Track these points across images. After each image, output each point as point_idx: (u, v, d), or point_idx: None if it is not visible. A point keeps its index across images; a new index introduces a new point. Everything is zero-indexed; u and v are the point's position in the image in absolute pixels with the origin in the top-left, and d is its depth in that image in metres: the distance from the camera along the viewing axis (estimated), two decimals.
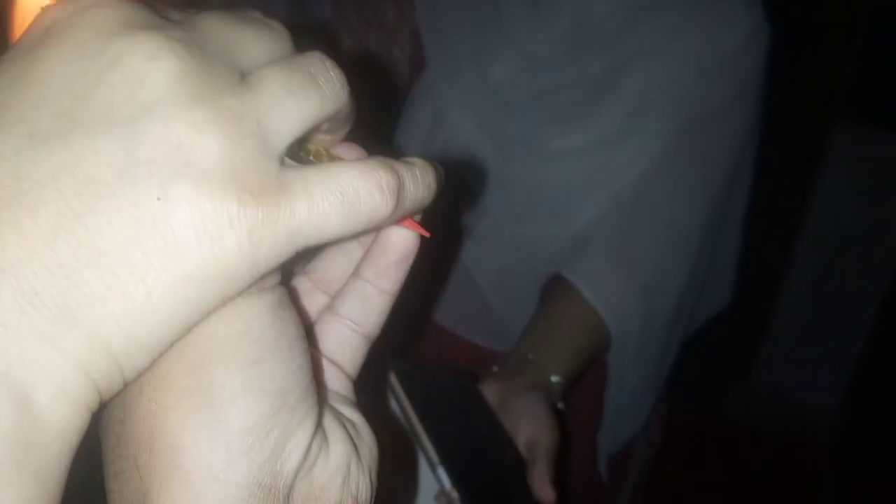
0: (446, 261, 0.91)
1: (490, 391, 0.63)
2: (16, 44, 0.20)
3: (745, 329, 2.15)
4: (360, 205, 0.21)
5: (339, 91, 0.22)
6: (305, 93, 0.21)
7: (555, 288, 0.78)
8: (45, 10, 0.20)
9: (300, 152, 0.23)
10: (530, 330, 0.73)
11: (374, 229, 0.24)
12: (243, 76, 0.20)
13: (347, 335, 0.27)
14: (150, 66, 0.19)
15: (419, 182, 0.23)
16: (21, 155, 0.18)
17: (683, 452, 1.50)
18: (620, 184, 0.81)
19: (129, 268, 0.18)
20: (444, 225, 0.91)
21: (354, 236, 0.23)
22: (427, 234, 0.26)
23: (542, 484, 0.59)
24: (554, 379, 0.68)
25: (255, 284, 0.20)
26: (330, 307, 0.28)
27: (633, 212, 0.80)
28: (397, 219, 0.24)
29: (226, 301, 0.20)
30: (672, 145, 0.80)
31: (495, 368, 0.70)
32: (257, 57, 0.21)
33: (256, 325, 0.21)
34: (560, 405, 0.68)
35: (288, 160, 0.21)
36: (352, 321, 0.27)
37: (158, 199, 0.18)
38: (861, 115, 2.11)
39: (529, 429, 0.61)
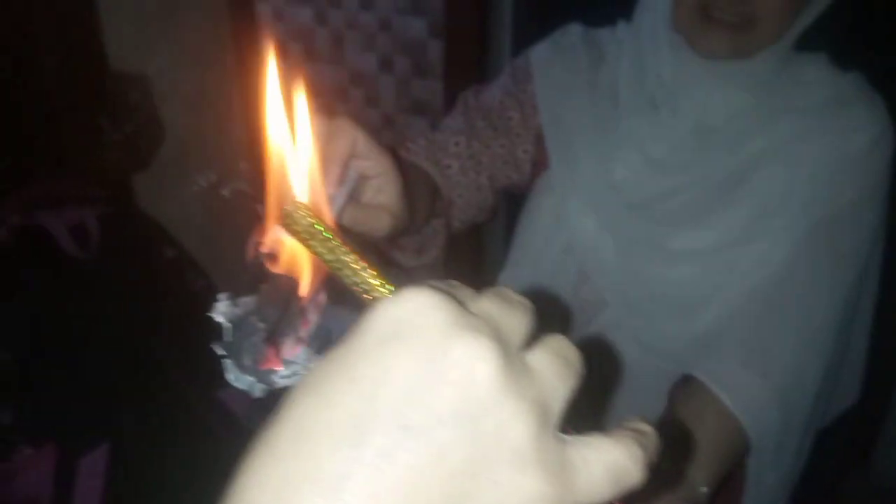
0: None
1: None
2: (365, 332, 0.24)
3: (863, 418, 2.03)
4: (623, 479, 0.25)
5: (581, 368, 0.27)
6: (568, 375, 0.26)
7: (686, 391, 0.78)
8: (388, 306, 0.24)
9: None
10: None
11: None
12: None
13: None
14: (479, 367, 0.23)
15: (653, 449, 0.27)
16: (399, 445, 0.22)
17: None
18: (749, 284, 0.82)
19: None
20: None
21: None
22: None
23: None
24: (701, 490, 0.67)
25: None
26: None
27: (766, 312, 0.80)
28: None
29: None
30: (802, 246, 0.81)
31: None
32: (524, 335, 0.26)
33: None
34: None
35: None
36: None
37: (495, 483, 0.22)
38: None
39: None
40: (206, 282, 1.21)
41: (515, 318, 0.26)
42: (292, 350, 0.37)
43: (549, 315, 0.91)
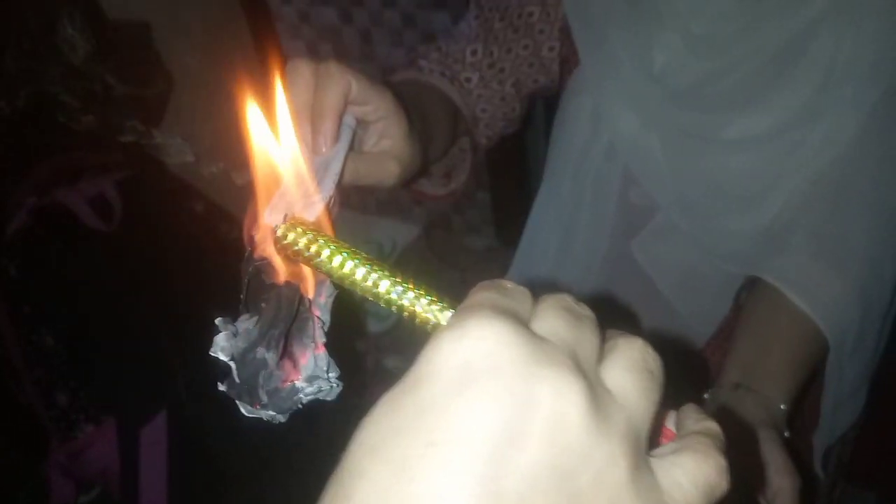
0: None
1: None
2: (431, 379, 0.21)
3: None
4: (715, 492, 0.24)
5: (663, 374, 0.25)
6: (652, 389, 0.24)
7: (754, 293, 0.72)
8: (452, 345, 0.21)
9: None
10: (738, 352, 0.68)
11: None
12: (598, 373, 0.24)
13: None
14: (567, 412, 0.21)
15: (725, 448, 0.25)
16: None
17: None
18: (817, 168, 0.73)
19: None
20: None
21: None
22: None
23: None
24: (780, 407, 0.62)
25: None
26: None
27: (836, 198, 0.72)
28: None
29: None
30: (872, 120, 0.71)
31: (706, 396, 0.66)
32: (597, 353, 0.24)
33: None
34: (787, 433, 0.62)
35: None
36: None
37: None
38: None
39: (766, 476, 0.56)
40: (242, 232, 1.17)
41: (587, 335, 0.24)
42: (311, 357, 0.33)
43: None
